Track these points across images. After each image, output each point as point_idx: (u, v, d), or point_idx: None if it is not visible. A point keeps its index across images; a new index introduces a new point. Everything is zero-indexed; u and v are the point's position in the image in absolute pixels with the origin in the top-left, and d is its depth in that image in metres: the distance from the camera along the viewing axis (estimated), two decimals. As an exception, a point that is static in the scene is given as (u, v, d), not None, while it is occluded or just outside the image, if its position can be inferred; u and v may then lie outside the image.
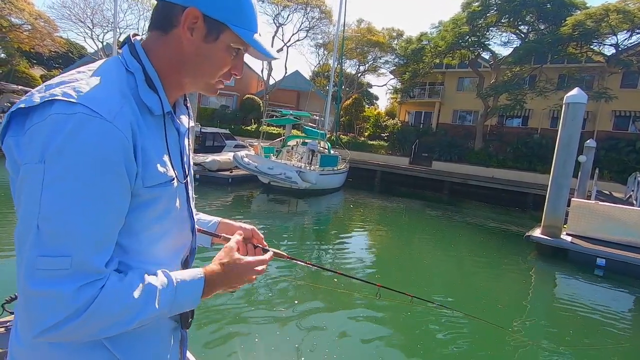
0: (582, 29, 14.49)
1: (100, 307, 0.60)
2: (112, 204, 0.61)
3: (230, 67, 0.75)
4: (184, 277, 0.72)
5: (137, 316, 0.64)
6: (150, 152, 0.67)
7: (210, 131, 15.95)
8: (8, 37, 23.37)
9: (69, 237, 0.57)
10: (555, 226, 7.61)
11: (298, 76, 30.18)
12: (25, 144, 0.58)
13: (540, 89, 16.92)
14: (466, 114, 25.01)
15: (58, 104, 0.58)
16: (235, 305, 4.05)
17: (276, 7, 25.37)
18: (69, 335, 0.60)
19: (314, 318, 3.96)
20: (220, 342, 3.36)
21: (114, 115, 0.60)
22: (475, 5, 18.09)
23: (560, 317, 4.97)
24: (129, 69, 0.68)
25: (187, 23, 0.68)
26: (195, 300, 0.73)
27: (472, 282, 6.20)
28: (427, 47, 21.12)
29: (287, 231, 8.09)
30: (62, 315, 0.57)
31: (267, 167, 11.89)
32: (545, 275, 7.13)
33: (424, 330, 4.07)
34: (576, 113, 7.31)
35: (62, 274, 0.57)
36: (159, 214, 0.71)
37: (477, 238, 9.71)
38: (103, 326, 0.61)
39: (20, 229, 0.59)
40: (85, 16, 26.28)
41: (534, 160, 18.86)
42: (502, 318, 4.65)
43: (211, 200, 10.69)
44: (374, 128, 25.38)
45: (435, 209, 13.73)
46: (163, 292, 0.67)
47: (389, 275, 5.89)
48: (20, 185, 0.59)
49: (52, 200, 0.56)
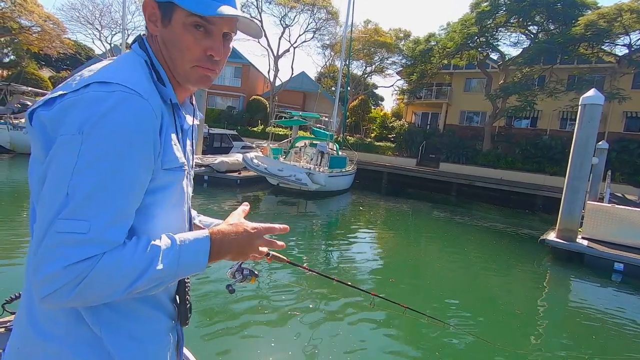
0: (595, 29, 14.28)
1: (106, 266, 0.60)
2: (138, 179, 0.63)
3: (202, 48, 0.71)
4: (187, 237, 0.70)
5: (142, 275, 0.63)
6: (169, 135, 0.70)
7: (218, 132, 15.96)
8: (18, 39, 23.62)
9: (93, 205, 0.58)
10: (570, 230, 7.47)
11: (304, 77, 30.17)
12: (59, 116, 0.60)
13: (550, 89, 16.71)
14: (473, 115, 24.81)
15: (95, 84, 0.60)
16: (233, 306, 4.02)
17: (283, 9, 25.39)
18: (75, 295, 0.58)
19: (308, 323, 3.87)
20: (216, 342, 3.35)
21: (149, 95, 0.63)
22: (484, 6, 17.93)
23: (578, 325, 4.84)
24: (144, 59, 0.72)
25: (147, 15, 0.71)
26: (202, 261, 0.70)
27: (482, 288, 6.07)
28: (435, 48, 20.99)
29: (295, 233, 8.02)
30: (65, 280, 0.57)
31: (277, 168, 11.83)
32: (560, 280, 6.98)
33: (420, 345, 3.83)
34: (593, 114, 7.17)
35: (77, 239, 0.58)
36: (172, 200, 0.73)
37: (487, 241, 9.57)
38: (108, 285, 0.60)
39: (48, 197, 0.59)
40: (93, 18, 26.52)
41: (544, 162, 18.64)
42: (514, 330, 4.51)
43: (219, 202, 10.67)
44: (380, 129, 25.27)
45: (443, 211, 13.59)
46: (166, 252, 0.66)
47: (391, 282, 5.78)
48: (52, 155, 0.60)
49: (86, 169, 0.58)
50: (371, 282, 5.59)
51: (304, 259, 6.17)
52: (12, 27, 21.98)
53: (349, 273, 5.78)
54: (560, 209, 7.70)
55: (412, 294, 5.21)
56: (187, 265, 0.68)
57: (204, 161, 12.55)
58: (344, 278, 5.27)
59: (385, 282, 5.61)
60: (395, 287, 5.36)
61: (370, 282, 5.58)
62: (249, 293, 4.34)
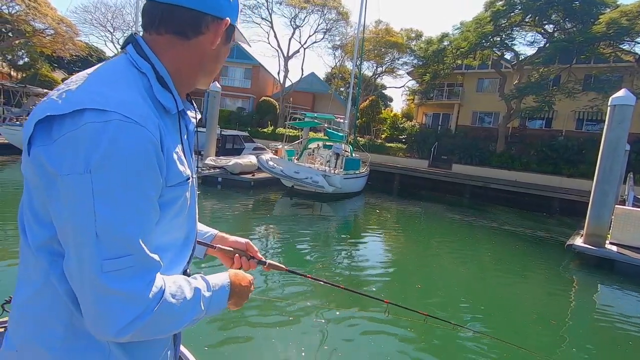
0: (618, 27, 13.92)
1: (169, 299, 0.65)
2: (152, 204, 0.64)
3: None
4: (216, 283, 0.77)
5: (191, 314, 0.69)
6: (171, 152, 0.68)
7: (230, 134, 15.92)
8: (31, 41, 23.91)
9: (127, 239, 0.60)
10: (599, 235, 7.22)
11: (314, 78, 30.07)
12: (58, 153, 0.58)
13: (569, 89, 16.35)
14: (485, 115, 24.47)
15: (89, 112, 0.58)
16: (235, 311, 3.89)
17: (293, 9, 25.32)
18: (142, 332, 0.62)
19: (316, 332, 3.69)
20: (216, 345, 3.26)
21: (145, 119, 0.61)
22: (499, 5, 17.63)
23: (607, 334, 4.62)
24: (140, 69, 0.68)
25: (219, 32, 0.73)
26: (223, 307, 0.78)
27: (505, 294, 5.86)
28: (448, 48, 20.72)
29: (309, 236, 7.88)
30: (138, 311, 0.61)
31: (293, 170, 11.70)
32: (589, 287, 6.74)
33: (440, 355, 3.60)
34: (624, 115, 6.92)
35: (130, 272, 0.61)
36: (176, 212, 0.73)
37: (509, 245, 9.33)
38: (168, 322, 0.66)
39: (74, 239, 0.60)
40: (105, 20, 26.74)
41: (560, 164, 18.26)
42: (543, 337, 4.31)
43: (233, 204, 10.59)
44: (391, 130, 25.04)
45: (458, 214, 13.35)
46: (204, 296, 0.72)
47: (408, 288, 5.59)
48: (62, 196, 0.59)
49: (106, 207, 0.58)
50: (391, 287, 5.43)
51: (317, 265, 6.00)
52: (26, 30, 22.26)
53: (364, 280, 5.58)
54: (588, 214, 7.46)
55: (430, 301, 5.01)
56: (213, 309, 0.75)
57: (217, 163, 12.49)
58: (357, 285, 5.13)
59: (402, 289, 5.43)
60: (412, 294, 5.17)
61: (391, 287, 5.42)
62: (252, 300, 4.15)
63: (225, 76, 28.32)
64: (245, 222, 8.70)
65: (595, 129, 20.82)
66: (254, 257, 1.02)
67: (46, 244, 0.65)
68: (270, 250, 6.58)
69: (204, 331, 3.38)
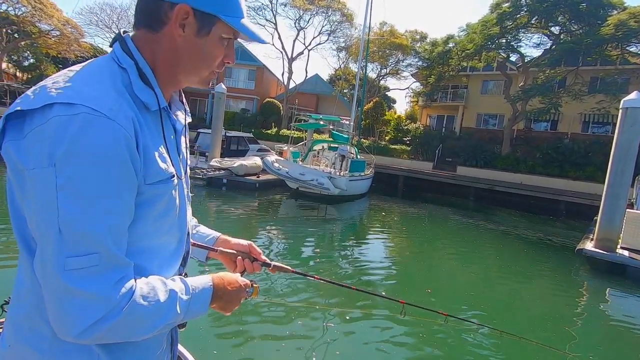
0: (626, 29, 13.80)
1: (139, 301, 0.62)
2: (123, 200, 0.61)
3: (222, 57, 0.74)
4: (197, 285, 0.74)
5: (164, 317, 0.65)
6: (150, 149, 0.66)
7: (235, 135, 15.91)
8: (37, 43, 24.03)
9: (92, 235, 0.58)
10: (610, 239, 7.11)
11: (317, 80, 30.05)
12: (26, 148, 0.57)
13: (575, 92, 16.22)
14: (490, 117, 24.34)
15: (58, 106, 0.57)
16: (236, 312, 3.83)
17: (298, 11, 25.34)
18: (109, 335, 0.60)
19: (323, 335, 3.59)
20: (219, 346, 3.22)
21: (116, 113, 0.59)
22: (505, 6, 17.54)
23: (620, 340, 4.53)
24: (121, 65, 0.67)
25: (178, 20, 0.67)
26: (204, 310, 0.74)
27: (515, 299, 5.77)
28: (453, 50, 20.63)
29: (314, 239, 7.82)
30: (102, 312, 0.58)
31: (299, 172, 11.65)
32: (599, 293, 6.62)
33: (462, 354, 3.52)
34: (636, 118, 6.82)
35: (94, 271, 0.58)
36: (161, 211, 0.71)
37: (518, 249, 9.23)
38: (139, 325, 0.62)
39: (40, 234, 0.58)
40: (111, 21, 26.85)
41: (566, 166, 18.11)
42: (557, 341, 4.23)
43: (238, 206, 10.55)
44: (395, 132, 24.95)
45: (463, 217, 13.24)
46: (181, 298, 0.69)
47: (420, 290, 5.51)
48: (29, 190, 0.58)
49: (70, 202, 0.56)
50: (400, 290, 5.35)
51: (323, 267, 5.92)
52: (32, 31, 22.38)
53: (372, 282, 5.50)
54: (599, 218, 7.35)
55: (434, 303, 4.93)
56: (192, 314, 0.72)
57: (222, 164, 12.46)
58: (368, 287, 5.05)
59: (411, 293, 5.35)
60: (422, 299, 5.08)
61: (399, 290, 5.34)
62: (253, 305, 4.04)
63: (229, 77, 28.36)
64: (251, 224, 8.65)
65: (601, 132, 20.66)
66: (257, 259, 0.98)
67: (28, 242, 0.64)
68: (275, 252, 6.52)
69: (204, 331, 3.34)
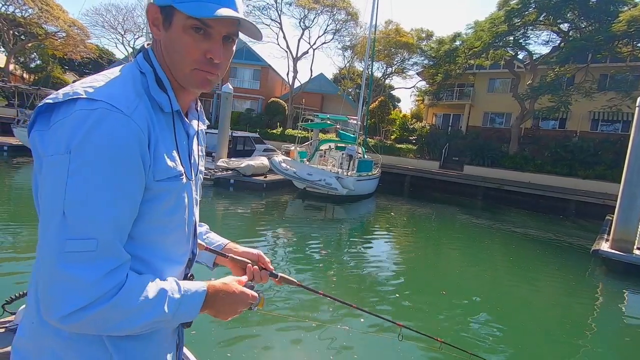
0: (639, 25, 13.56)
1: (126, 295, 0.63)
2: (129, 193, 0.64)
3: (201, 51, 0.71)
4: (189, 287, 0.74)
5: (150, 314, 0.66)
6: (161, 147, 0.69)
7: (241, 135, 15.87)
8: (44, 44, 24.16)
9: (93, 221, 0.60)
10: (627, 240, 6.97)
11: (322, 79, 29.95)
12: (50, 137, 0.62)
13: (586, 89, 15.98)
14: (497, 116, 24.11)
15: (81, 101, 0.62)
16: (239, 318, 3.76)
17: (303, 10, 25.24)
18: (92, 323, 0.61)
19: (322, 348, 3.51)
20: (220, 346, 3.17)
21: (132, 110, 0.64)
22: (513, 3, 17.32)
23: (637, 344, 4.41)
24: (142, 70, 0.72)
25: (150, 20, 0.72)
26: (194, 314, 0.74)
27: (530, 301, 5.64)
28: (460, 48, 20.43)
29: (321, 241, 7.70)
30: (89, 299, 0.59)
31: (307, 172, 11.57)
32: (617, 295, 6.47)
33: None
34: (653, 116, 6.68)
35: (89, 257, 0.60)
36: (168, 209, 0.73)
37: (530, 250, 9.08)
38: (123, 318, 0.63)
39: (45, 216, 0.61)
40: (116, 23, 26.94)
41: (575, 165, 17.87)
42: (575, 345, 4.11)
43: (246, 206, 10.50)
44: (400, 131, 24.80)
45: (473, 217, 13.09)
46: (171, 298, 0.70)
47: (436, 293, 5.41)
48: (45, 175, 0.62)
49: (78, 186, 0.59)
50: (406, 299, 5.18)
51: (329, 273, 5.78)
52: (39, 33, 22.51)
53: (378, 291, 5.31)
54: (615, 218, 7.21)
55: (451, 313, 4.76)
56: (181, 316, 0.72)
57: (229, 165, 12.43)
58: (371, 298, 4.88)
59: (421, 299, 5.23)
60: (434, 307, 4.92)
61: (405, 299, 5.18)
62: (259, 312, 3.93)
63: (234, 77, 28.35)
64: (258, 225, 8.58)
65: (610, 130, 20.38)
66: (265, 268, 0.98)
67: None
68: (281, 256, 6.37)
69: (208, 336, 3.30)
